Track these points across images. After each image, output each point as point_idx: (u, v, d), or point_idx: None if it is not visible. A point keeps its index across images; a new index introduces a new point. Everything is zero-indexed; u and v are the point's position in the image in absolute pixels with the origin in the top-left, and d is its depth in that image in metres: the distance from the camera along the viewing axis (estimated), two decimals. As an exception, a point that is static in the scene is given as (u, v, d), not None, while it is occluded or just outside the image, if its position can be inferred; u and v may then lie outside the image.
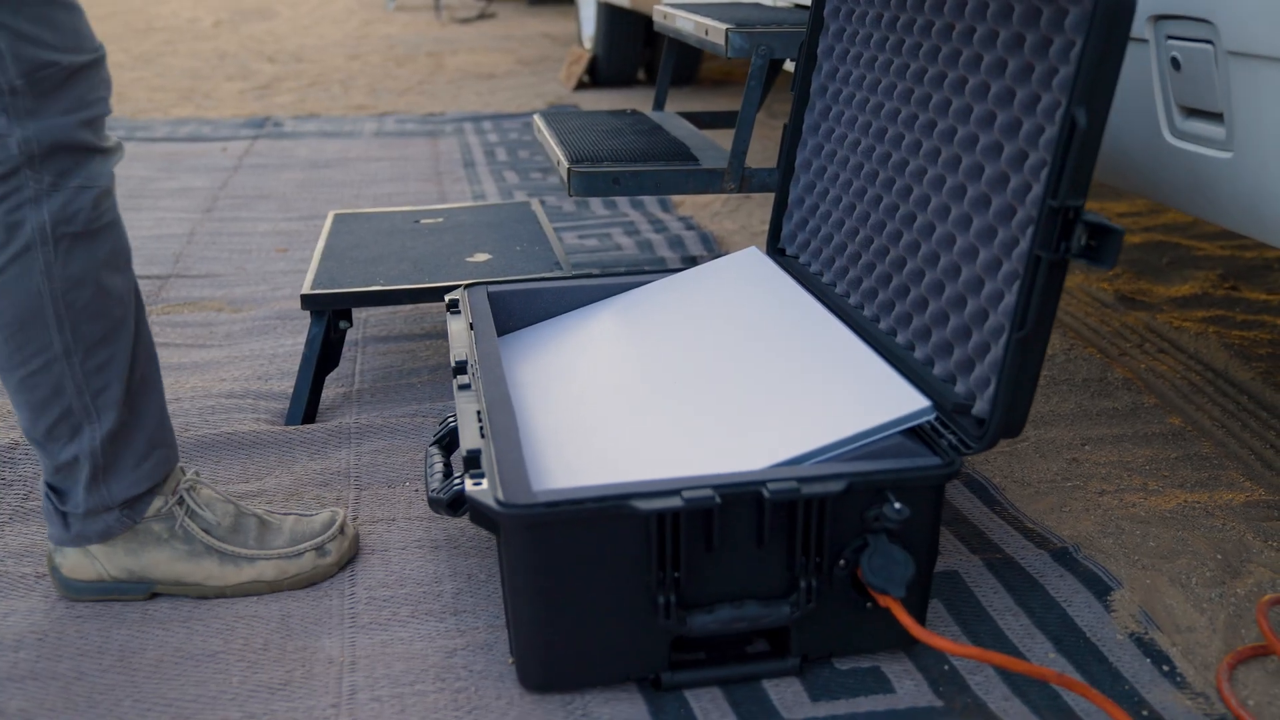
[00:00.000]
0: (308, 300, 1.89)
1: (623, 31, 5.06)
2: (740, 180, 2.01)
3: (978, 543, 1.52)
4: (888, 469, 1.19)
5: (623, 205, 3.27)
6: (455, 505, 1.32)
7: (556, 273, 1.97)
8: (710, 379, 1.46)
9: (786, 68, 2.69)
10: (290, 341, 2.26)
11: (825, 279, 1.72)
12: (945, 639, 1.13)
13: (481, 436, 1.28)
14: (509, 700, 1.22)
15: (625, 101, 4.92)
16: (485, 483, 1.18)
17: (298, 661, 1.30)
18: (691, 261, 2.71)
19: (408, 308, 2.44)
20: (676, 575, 1.18)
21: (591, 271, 1.80)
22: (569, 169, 1.99)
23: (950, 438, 1.26)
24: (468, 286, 1.77)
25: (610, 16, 5.01)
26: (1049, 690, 1.23)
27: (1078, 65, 1.11)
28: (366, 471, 1.73)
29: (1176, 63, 1.31)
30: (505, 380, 1.41)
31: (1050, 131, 1.22)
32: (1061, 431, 1.84)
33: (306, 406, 1.89)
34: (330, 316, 1.91)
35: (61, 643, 1.33)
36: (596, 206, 3.26)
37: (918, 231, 1.48)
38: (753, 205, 3.29)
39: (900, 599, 1.20)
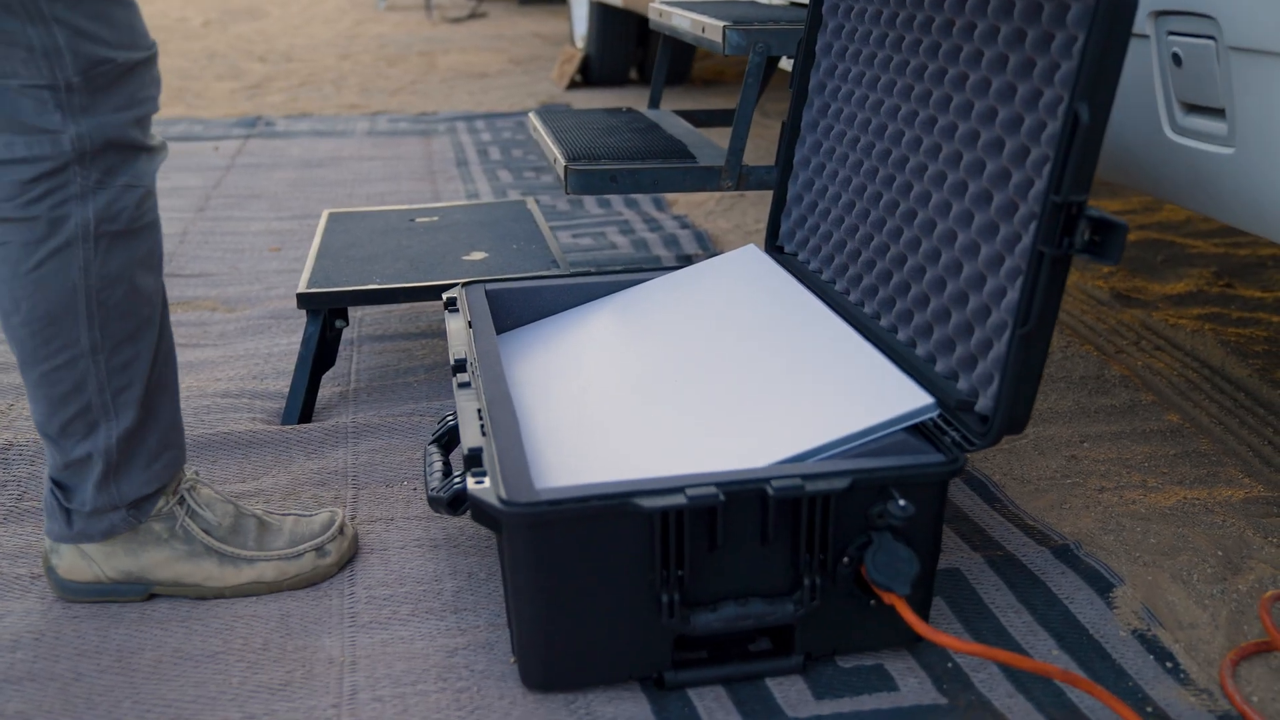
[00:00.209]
0: (304, 299, 1.88)
1: (615, 31, 5.05)
2: (738, 178, 2.01)
3: (979, 540, 1.52)
4: (892, 466, 1.19)
5: (617, 204, 3.26)
6: (455, 504, 1.31)
7: (554, 271, 1.96)
8: (711, 376, 1.46)
9: (783, 65, 2.69)
10: (285, 341, 2.25)
11: (824, 276, 1.72)
12: (951, 636, 1.13)
13: (483, 434, 1.27)
14: (512, 700, 1.21)
15: (618, 101, 4.91)
16: (487, 481, 1.18)
17: (298, 661, 1.29)
18: (687, 260, 2.70)
19: (403, 306, 2.43)
20: (680, 573, 1.18)
21: (589, 270, 1.79)
22: (566, 167, 1.98)
23: (953, 434, 1.26)
24: (465, 285, 1.76)
25: (603, 16, 5.00)
26: (1053, 687, 1.23)
27: (1080, 60, 1.11)
28: (364, 471, 1.72)
29: (1178, 58, 1.30)
30: (505, 378, 1.41)
31: (1052, 127, 1.22)
32: (1060, 429, 1.84)
33: (303, 406, 1.88)
34: (326, 315, 1.90)
35: (59, 643, 1.32)
36: (590, 205, 3.25)
37: (919, 228, 1.47)
38: (747, 204, 3.28)
39: (905, 596, 1.20)
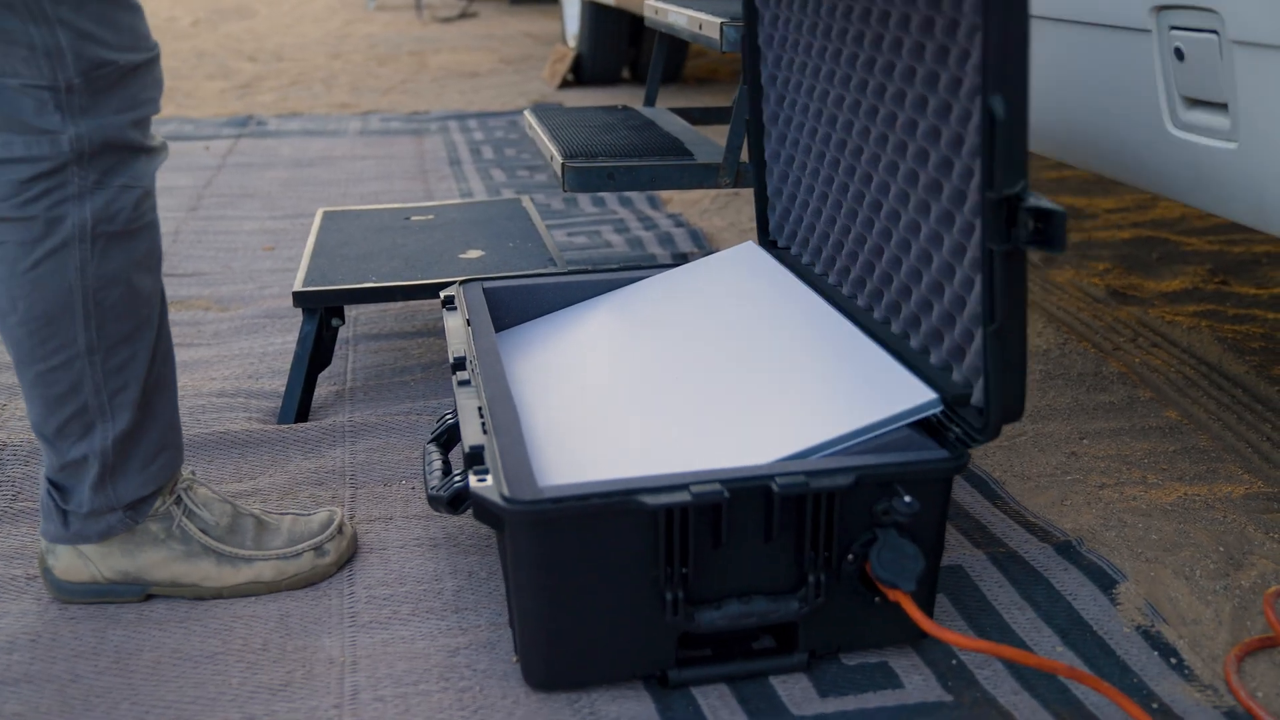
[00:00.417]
0: (300, 297, 1.86)
1: (608, 29, 5.04)
2: (735, 174, 2.00)
3: (980, 537, 1.51)
4: (896, 462, 1.18)
5: (611, 202, 3.26)
6: (456, 502, 1.30)
7: (551, 269, 1.95)
8: (713, 373, 1.45)
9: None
10: (280, 340, 2.24)
11: (817, 270, 1.70)
12: (956, 633, 1.13)
13: (484, 432, 1.26)
14: (515, 699, 1.21)
15: (610, 100, 4.90)
16: (490, 479, 1.17)
17: (298, 662, 1.28)
18: (682, 258, 2.70)
19: (398, 305, 2.42)
20: (684, 571, 1.17)
21: (587, 268, 1.78)
22: (564, 164, 1.97)
23: (956, 430, 1.25)
24: (463, 283, 1.75)
25: (595, 14, 4.99)
26: (1058, 684, 1.22)
27: (984, 52, 1.07)
28: (362, 470, 1.71)
29: (1180, 53, 1.30)
30: (505, 376, 1.40)
31: (978, 115, 1.19)
32: (1059, 425, 1.84)
33: (299, 405, 1.87)
34: (322, 314, 1.89)
35: (56, 645, 1.31)
36: (585, 204, 3.25)
37: (886, 219, 1.46)
38: (741, 202, 3.28)
39: (910, 593, 1.19)
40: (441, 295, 1.70)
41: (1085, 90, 1.53)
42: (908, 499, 1.17)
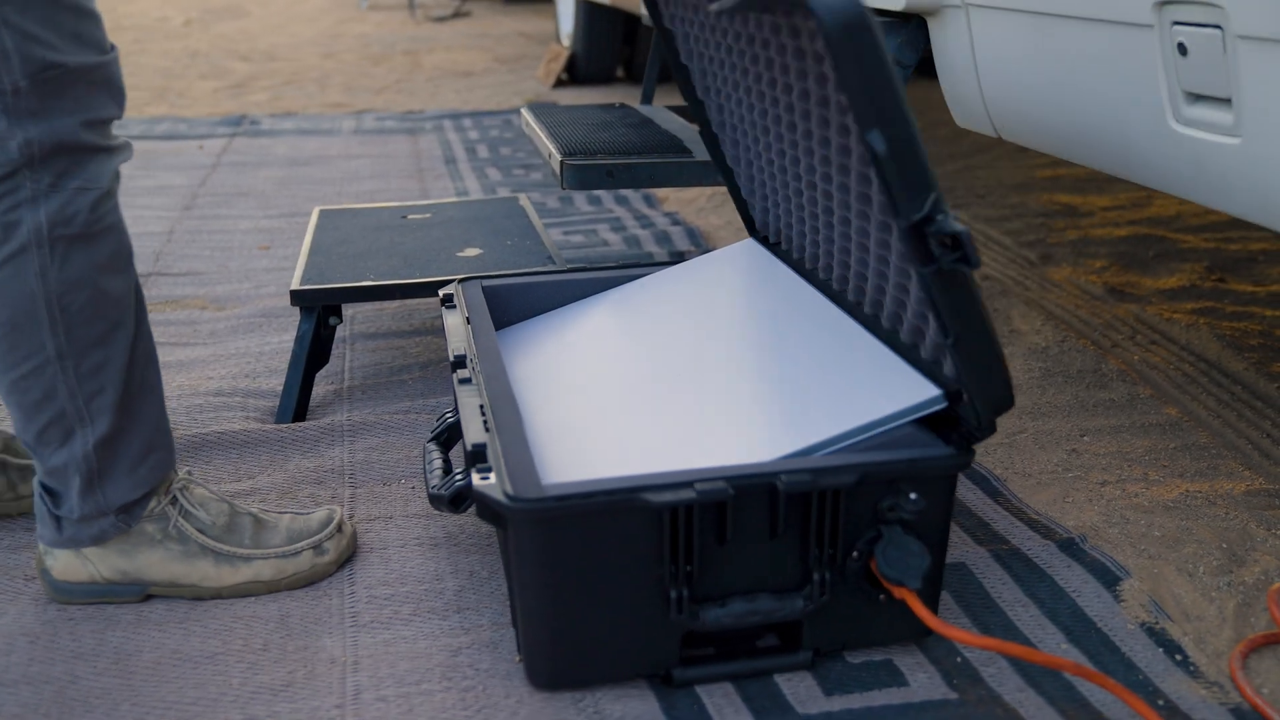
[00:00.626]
0: (297, 296, 1.85)
1: (602, 28, 5.04)
2: (734, 173, 1.99)
3: (983, 534, 1.51)
4: (902, 459, 1.18)
5: (608, 201, 3.25)
6: (457, 501, 1.29)
7: (550, 267, 1.95)
8: (715, 370, 1.44)
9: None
10: (276, 339, 2.22)
11: (807, 265, 1.69)
12: (963, 630, 1.12)
13: (486, 430, 1.26)
14: (518, 699, 1.20)
15: (605, 98, 4.89)
16: (493, 477, 1.16)
17: (299, 662, 1.27)
18: (680, 256, 2.69)
19: (394, 304, 2.41)
20: (689, 569, 1.17)
21: (586, 266, 1.77)
22: (562, 162, 1.97)
23: (960, 426, 1.24)
24: (461, 281, 1.74)
25: (589, 13, 4.98)
26: (1064, 681, 1.22)
27: (843, 94, 1.04)
28: (361, 469, 1.70)
29: (1183, 48, 1.30)
30: (506, 374, 1.39)
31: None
32: (1059, 423, 1.84)
33: (297, 404, 1.86)
34: (320, 312, 1.88)
35: (54, 646, 1.30)
36: (581, 203, 3.24)
37: (840, 223, 1.45)
38: (738, 201, 3.27)
39: (916, 590, 1.19)
40: (440, 293, 1.69)
41: (1085, 86, 1.52)
42: (913, 496, 1.16)
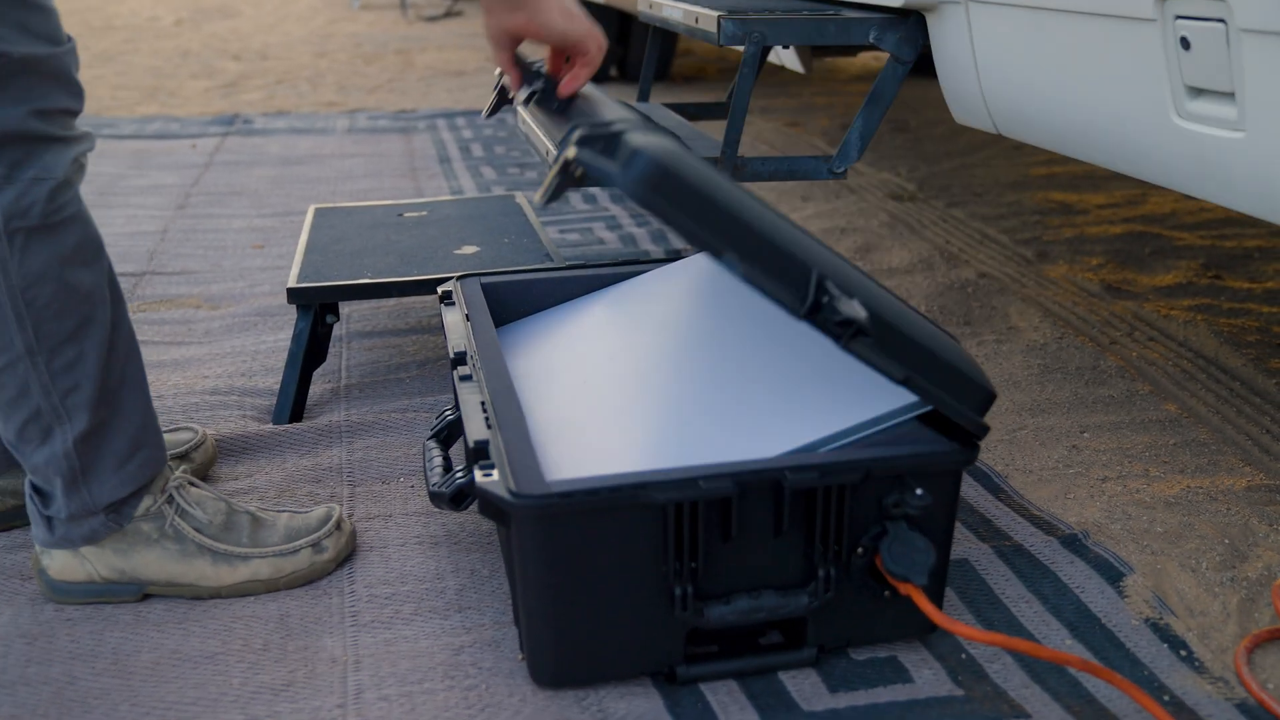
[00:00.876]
0: (294, 294, 1.84)
1: (595, 27, 5.02)
2: (734, 168, 1.99)
3: (986, 530, 1.50)
4: (906, 455, 1.17)
5: (603, 199, 3.24)
6: (458, 499, 1.28)
7: (548, 264, 1.94)
8: (718, 366, 1.43)
9: (770, 59, 2.67)
10: (272, 338, 2.21)
11: None
12: (969, 626, 1.12)
13: (488, 427, 1.25)
14: (522, 697, 1.19)
15: (598, 97, 4.88)
16: (495, 473, 1.15)
17: (300, 661, 1.26)
18: (676, 255, 2.68)
19: (391, 302, 2.40)
20: (693, 566, 1.16)
21: (585, 263, 1.77)
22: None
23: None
24: (460, 278, 1.73)
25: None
26: (1069, 677, 1.21)
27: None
28: (359, 467, 1.69)
29: (1186, 42, 1.30)
30: (507, 370, 1.38)
31: None
32: (1059, 419, 1.84)
33: (294, 403, 1.84)
34: (317, 311, 1.87)
35: (52, 646, 1.29)
36: (577, 201, 3.23)
37: None
38: (733, 199, 3.26)
39: (922, 586, 1.18)
40: (439, 290, 1.68)
41: (1087, 81, 1.52)
42: (919, 491, 1.16)
